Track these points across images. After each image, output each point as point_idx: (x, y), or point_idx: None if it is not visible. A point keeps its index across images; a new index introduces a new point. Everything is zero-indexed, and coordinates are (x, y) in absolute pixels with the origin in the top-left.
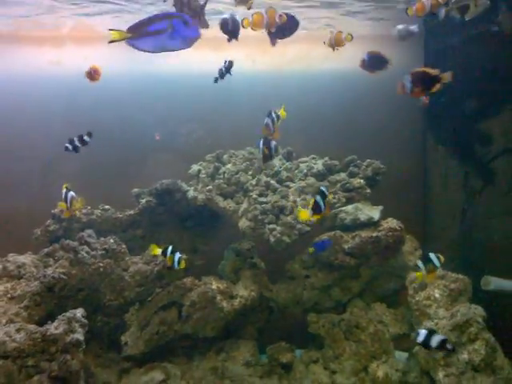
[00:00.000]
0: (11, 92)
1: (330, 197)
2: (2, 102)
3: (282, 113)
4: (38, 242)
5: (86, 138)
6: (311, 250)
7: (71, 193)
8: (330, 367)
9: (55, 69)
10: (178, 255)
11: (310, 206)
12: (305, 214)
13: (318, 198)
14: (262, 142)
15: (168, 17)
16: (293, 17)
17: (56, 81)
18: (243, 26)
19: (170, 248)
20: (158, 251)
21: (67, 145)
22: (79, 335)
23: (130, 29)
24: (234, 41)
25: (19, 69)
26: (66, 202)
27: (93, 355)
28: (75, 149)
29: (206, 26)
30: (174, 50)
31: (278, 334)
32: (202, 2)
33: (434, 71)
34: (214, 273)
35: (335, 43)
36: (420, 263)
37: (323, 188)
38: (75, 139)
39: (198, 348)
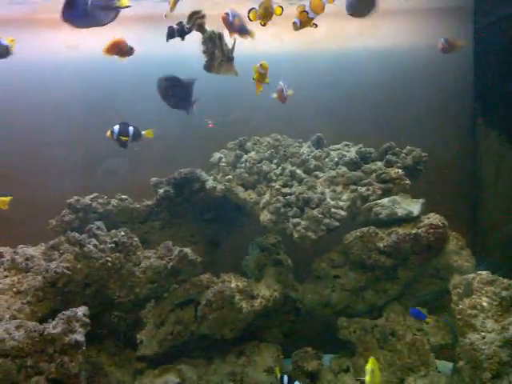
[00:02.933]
0: (27, 77)
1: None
2: (18, 88)
3: (147, 133)
4: (54, 233)
5: None
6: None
7: None
8: (361, 378)
9: (73, 53)
10: None
11: None
12: None
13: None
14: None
15: None
16: None
17: (73, 65)
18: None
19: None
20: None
21: None
22: (79, 336)
23: None
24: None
25: (35, 53)
26: None
27: (108, 354)
28: None
29: (235, 73)
30: None
31: (304, 338)
32: (230, 47)
33: None
34: (237, 269)
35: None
36: None
37: None
38: None
39: (217, 350)
